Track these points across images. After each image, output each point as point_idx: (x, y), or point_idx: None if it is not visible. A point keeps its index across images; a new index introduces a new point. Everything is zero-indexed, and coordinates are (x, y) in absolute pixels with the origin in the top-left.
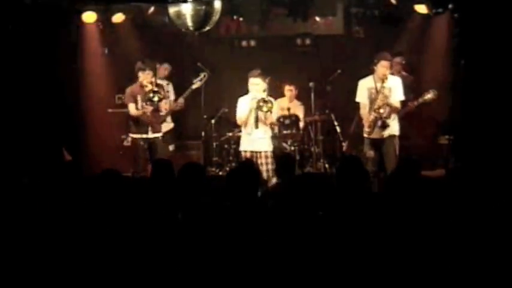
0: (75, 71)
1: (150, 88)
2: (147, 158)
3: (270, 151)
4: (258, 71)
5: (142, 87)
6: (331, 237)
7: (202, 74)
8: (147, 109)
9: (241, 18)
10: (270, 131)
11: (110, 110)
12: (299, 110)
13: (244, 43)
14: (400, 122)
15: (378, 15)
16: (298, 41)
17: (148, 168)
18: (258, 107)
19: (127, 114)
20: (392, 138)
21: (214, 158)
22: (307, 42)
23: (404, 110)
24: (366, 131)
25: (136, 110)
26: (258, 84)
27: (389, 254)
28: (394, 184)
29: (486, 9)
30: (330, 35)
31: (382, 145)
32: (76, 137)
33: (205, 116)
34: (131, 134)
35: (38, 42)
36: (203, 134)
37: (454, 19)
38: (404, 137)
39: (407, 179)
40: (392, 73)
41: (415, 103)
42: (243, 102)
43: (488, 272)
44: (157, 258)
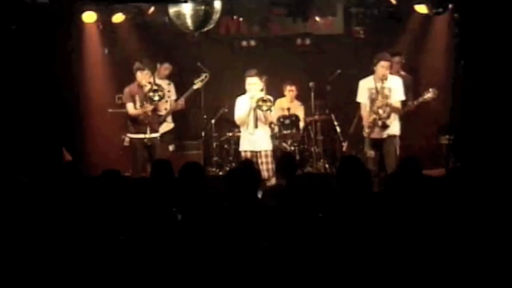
0: (75, 71)
1: (149, 87)
2: (146, 158)
3: (269, 150)
4: (254, 70)
5: (141, 87)
6: (332, 237)
7: (204, 75)
8: (147, 108)
9: (241, 18)
10: (269, 130)
11: (110, 110)
12: (299, 110)
13: (244, 43)
14: (400, 122)
15: (380, 14)
16: (298, 41)
17: (148, 168)
18: (258, 106)
19: (126, 114)
20: (393, 138)
21: (214, 158)
22: (307, 42)
23: (404, 109)
24: (366, 131)
25: (135, 109)
26: (255, 83)
27: (391, 253)
28: (395, 184)
29: (486, 9)
30: (330, 35)
31: (382, 145)
32: (76, 137)
33: (205, 116)
34: (129, 134)
35: (37, 42)
36: (203, 134)
37: (454, 19)
38: (404, 137)
39: (408, 178)
40: (391, 73)
41: (415, 102)
42: (241, 102)
43: (489, 272)
44: (157, 258)
